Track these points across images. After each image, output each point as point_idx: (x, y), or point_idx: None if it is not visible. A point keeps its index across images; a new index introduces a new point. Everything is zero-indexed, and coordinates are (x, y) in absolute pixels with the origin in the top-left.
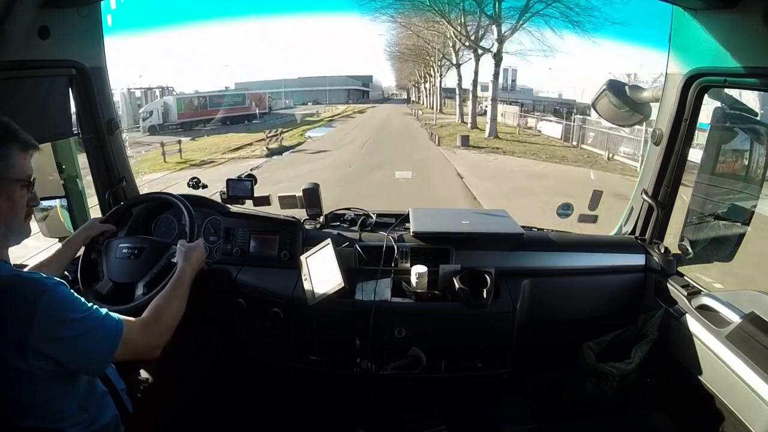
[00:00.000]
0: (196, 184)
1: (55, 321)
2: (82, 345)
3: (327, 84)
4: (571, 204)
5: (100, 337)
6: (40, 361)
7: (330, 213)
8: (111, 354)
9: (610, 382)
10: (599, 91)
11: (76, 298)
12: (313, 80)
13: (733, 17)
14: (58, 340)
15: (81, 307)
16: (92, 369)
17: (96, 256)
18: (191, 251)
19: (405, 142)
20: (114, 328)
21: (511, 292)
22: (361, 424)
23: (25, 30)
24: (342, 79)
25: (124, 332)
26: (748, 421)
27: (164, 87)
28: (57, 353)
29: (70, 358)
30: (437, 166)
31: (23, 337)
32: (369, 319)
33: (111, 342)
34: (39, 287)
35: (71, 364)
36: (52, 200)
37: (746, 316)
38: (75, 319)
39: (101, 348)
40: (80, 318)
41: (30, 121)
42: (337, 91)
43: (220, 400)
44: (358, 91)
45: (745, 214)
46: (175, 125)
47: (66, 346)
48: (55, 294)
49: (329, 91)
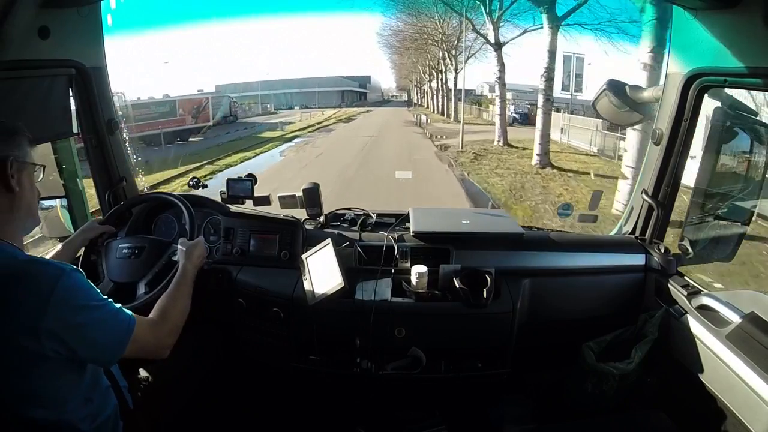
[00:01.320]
0: (196, 184)
1: (71, 305)
2: (95, 333)
3: (316, 85)
4: (571, 204)
5: (113, 328)
6: (53, 343)
7: (330, 213)
8: (123, 346)
9: (610, 382)
10: (599, 91)
11: (92, 287)
12: (299, 82)
13: (733, 17)
14: (72, 325)
15: (96, 296)
16: (103, 359)
17: (96, 257)
18: (192, 248)
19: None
20: (127, 322)
21: (511, 292)
22: (361, 424)
23: (25, 30)
24: (334, 79)
25: (135, 329)
26: (748, 421)
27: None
28: (70, 338)
29: (83, 344)
30: None
31: (38, 319)
32: (369, 319)
33: (123, 335)
34: (56, 271)
35: (83, 352)
36: (52, 200)
37: (746, 316)
38: (90, 306)
39: (113, 339)
40: (95, 306)
41: (30, 120)
42: (330, 93)
43: (220, 399)
44: (353, 93)
45: (745, 214)
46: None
47: (79, 332)
48: (71, 279)
49: (320, 94)
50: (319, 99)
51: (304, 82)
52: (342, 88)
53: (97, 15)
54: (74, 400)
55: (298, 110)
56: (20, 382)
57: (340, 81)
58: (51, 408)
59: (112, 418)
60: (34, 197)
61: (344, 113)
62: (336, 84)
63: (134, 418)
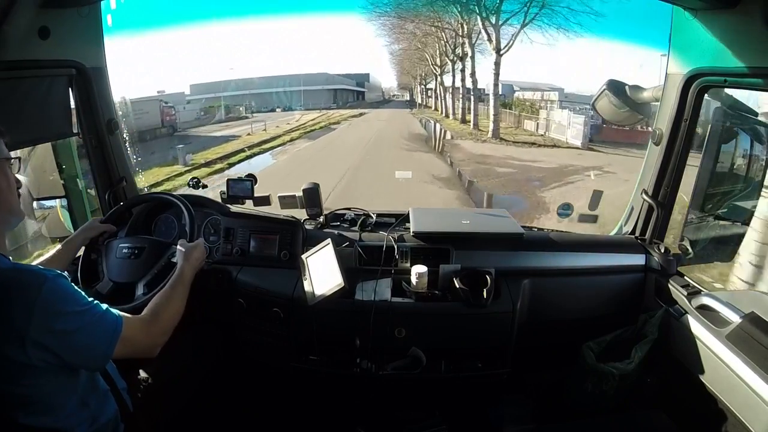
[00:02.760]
0: (196, 184)
1: (55, 313)
2: (80, 339)
3: (301, 83)
4: (571, 204)
5: (99, 333)
6: (39, 353)
7: (330, 213)
8: (110, 350)
9: (610, 382)
10: (599, 91)
11: (77, 291)
12: (283, 80)
13: (733, 17)
14: (57, 332)
15: (81, 300)
16: (91, 364)
17: (96, 257)
18: (191, 250)
19: None
20: (113, 323)
21: (511, 292)
22: (361, 424)
23: (25, 30)
24: (323, 77)
25: (123, 330)
26: (748, 421)
27: None
28: (55, 345)
29: (69, 351)
30: None
31: (23, 329)
32: (369, 319)
33: (110, 338)
34: (39, 279)
35: (70, 358)
36: (52, 200)
37: (746, 316)
38: (74, 312)
39: (100, 343)
40: (80, 311)
41: (30, 121)
42: (320, 92)
43: (220, 400)
44: (348, 92)
45: (745, 214)
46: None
47: (65, 339)
48: (55, 285)
49: (308, 93)
50: (306, 99)
51: (289, 80)
52: (334, 86)
53: (97, 15)
54: (70, 404)
55: (282, 112)
56: (14, 390)
57: (331, 78)
58: (48, 414)
59: (112, 421)
60: (13, 191)
61: (328, 118)
62: (327, 82)
63: (134, 419)
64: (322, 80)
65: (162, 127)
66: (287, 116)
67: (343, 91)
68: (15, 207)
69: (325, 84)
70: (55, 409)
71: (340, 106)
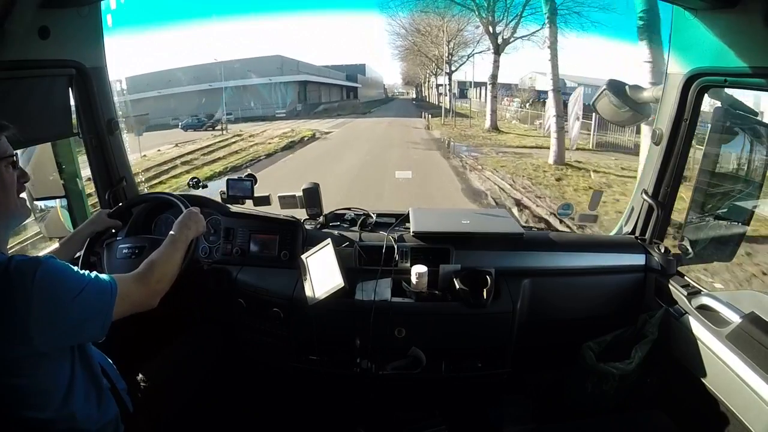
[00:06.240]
0: (196, 184)
1: (52, 292)
2: (81, 309)
3: (251, 74)
4: (571, 204)
5: (97, 296)
6: (43, 336)
7: (330, 213)
8: (110, 311)
9: (610, 382)
10: (599, 91)
11: (68, 267)
12: (203, 70)
13: (733, 17)
14: (58, 309)
15: (74, 275)
16: (95, 331)
17: (96, 259)
18: (188, 216)
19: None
20: (108, 286)
21: (511, 292)
22: (361, 424)
23: (25, 30)
24: (276, 61)
25: (119, 287)
26: (748, 421)
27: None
28: (58, 322)
29: (72, 324)
30: None
31: (25, 314)
32: (369, 319)
33: (108, 300)
34: (33, 264)
35: (74, 332)
36: (52, 200)
37: (746, 316)
38: (70, 288)
39: (100, 308)
40: (75, 286)
41: (30, 120)
42: (272, 87)
43: (220, 400)
44: (329, 88)
45: (745, 214)
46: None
47: (66, 315)
48: (47, 267)
49: (244, 90)
50: (244, 99)
51: (225, 69)
52: (298, 77)
53: (97, 15)
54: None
55: (242, 123)
56: (18, 383)
57: (293, 66)
58: (51, 408)
59: (112, 422)
60: (7, 192)
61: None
62: (286, 71)
63: (135, 420)
64: (273, 69)
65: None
66: (255, 127)
67: (317, 85)
68: (11, 206)
69: (280, 74)
70: (59, 403)
71: (309, 111)
